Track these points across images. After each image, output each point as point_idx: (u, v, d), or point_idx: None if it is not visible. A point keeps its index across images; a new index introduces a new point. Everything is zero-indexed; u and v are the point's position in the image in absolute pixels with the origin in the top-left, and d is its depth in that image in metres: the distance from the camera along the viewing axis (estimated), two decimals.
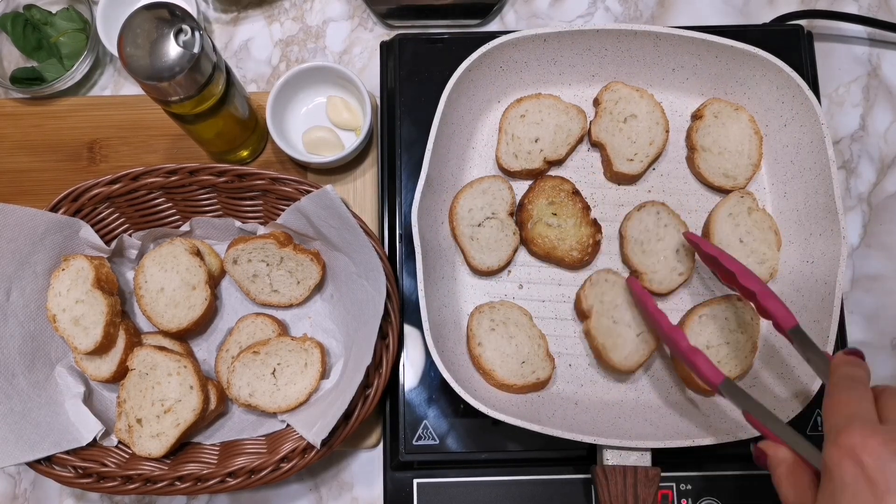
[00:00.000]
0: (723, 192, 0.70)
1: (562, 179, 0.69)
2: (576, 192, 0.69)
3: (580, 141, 0.71)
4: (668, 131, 0.70)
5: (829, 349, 0.62)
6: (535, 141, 0.69)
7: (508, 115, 0.70)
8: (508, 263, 0.69)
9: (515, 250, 0.69)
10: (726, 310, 0.66)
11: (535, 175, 0.70)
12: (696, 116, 0.71)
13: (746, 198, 0.68)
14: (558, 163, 0.71)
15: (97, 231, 0.69)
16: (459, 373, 0.62)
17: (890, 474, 0.37)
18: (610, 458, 0.61)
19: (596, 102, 0.71)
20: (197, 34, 0.58)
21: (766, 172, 0.71)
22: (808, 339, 0.54)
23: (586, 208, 0.69)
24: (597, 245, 0.68)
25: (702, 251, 0.62)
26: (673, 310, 0.68)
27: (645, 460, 0.61)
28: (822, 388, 0.61)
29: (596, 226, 0.68)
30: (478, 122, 0.71)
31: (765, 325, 0.67)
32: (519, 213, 0.69)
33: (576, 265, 0.68)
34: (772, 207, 0.70)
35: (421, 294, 0.61)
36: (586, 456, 0.66)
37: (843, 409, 0.42)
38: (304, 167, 0.77)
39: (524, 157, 0.69)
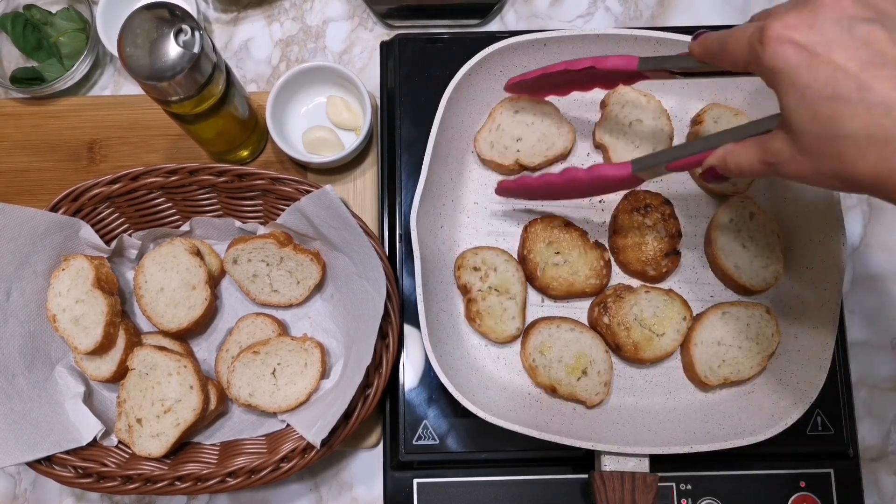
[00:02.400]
0: (723, 197, 0.70)
1: (550, 217, 0.68)
2: (567, 224, 0.68)
3: (560, 159, 0.70)
4: (672, 138, 0.70)
5: (829, 354, 0.62)
6: (517, 140, 0.69)
7: (504, 105, 0.69)
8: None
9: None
10: (750, 316, 0.66)
11: (505, 171, 0.70)
12: (696, 122, 0.71)
13: (747, 202, 0.68)
14: (531, 170, 0.70)
15: (97, 231, 0.69)
16: (458, 377, 0.63)
17: (818, 34, 0.39)
18: (608, 464, 0.61)
19: (602, 104, 0.71)
20: (197, 34, 0.58)
21: None
22: (657, 57, 0.54)
23: (583, 235, 0.68)
24: (608, 264, 0.68)
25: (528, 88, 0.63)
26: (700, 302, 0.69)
27: (643, 466, 0.61)
28: (822, 391, 0.61)
29: (599, 247, 0.68)
30: (477, 127, 0.71)
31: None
32: (523, 266, 0.68)
33: (597, 291, 0.68)
34: (772, 213, 0.70)
35: (420, 300, 0.61)
36: (585, 456, 0.66)
37: (744, 34, 0.43)
38: (304, 167, 0.77)
39: (499, 150, 0.69)
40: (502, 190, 0.66)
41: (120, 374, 0.67)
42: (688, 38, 0.67)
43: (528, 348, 0.66)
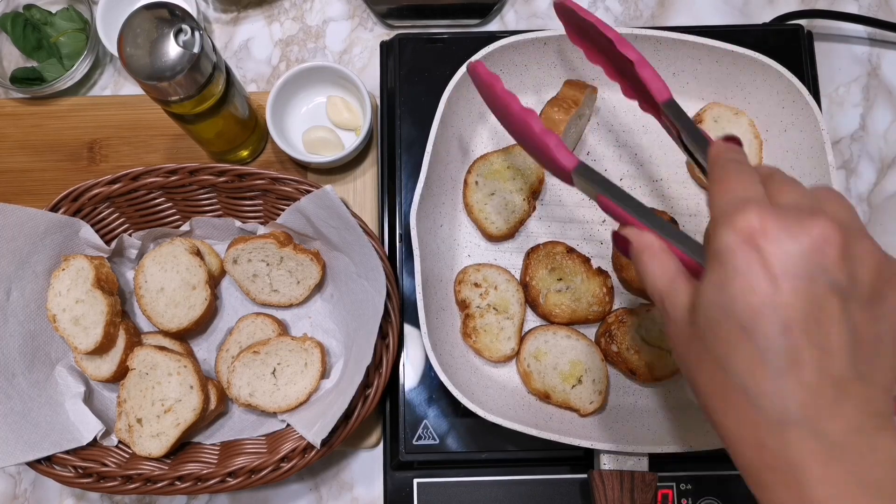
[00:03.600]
0: None
1: (553, 243, 0.67)
2: (570, 250, 0.67)
3: (521, 223, 0.69)
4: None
5: None
6: (492, 194, 0.68)
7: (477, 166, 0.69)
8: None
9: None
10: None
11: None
12: (696, 121, 0.71)
13: None
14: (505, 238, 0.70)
15: (97, 231, 0.69)
16: (457, 375, 0.63)
17: (786, 257, 0.33)
18: (607, 463, 0.61)
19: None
20: (197, 34, 0.58)
21: None
22: (683, 113, 0.49)
23: (586, 261, 0.67)
24: (611, 291, 0.67)
25: (574, 21, 0.56)
26: None
27: (642, 465, 0.61)
28: None
29: (602, 273, 0.67)
30: (477, 125, 0.71)
31: None
32: (526, 293, 0.67)
33: (600, 318, 0.67)
34: None
35: (419, 299, 0.61)
36: (585, 456, 0.66)
37: (735, 191, 0.37)
38: (304, 167, 0.77)
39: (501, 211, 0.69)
40: (472, 70, 0.55)
41: (120, 374, 0.67)
42: (687, 37, 0.67)
43: (522, 354, 0.65)
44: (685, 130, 0.48)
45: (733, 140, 0.43)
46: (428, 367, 0.68)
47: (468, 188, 0.68)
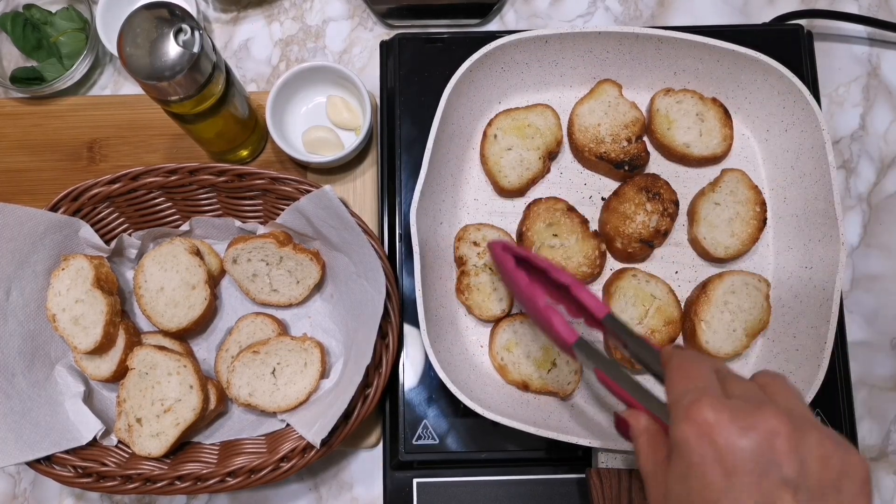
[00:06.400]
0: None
1: (555, 199, 0.68)
2: (570, 209, 0.68)
3: (533, 181, 0.70)
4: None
5: (827, 354, 0.62)
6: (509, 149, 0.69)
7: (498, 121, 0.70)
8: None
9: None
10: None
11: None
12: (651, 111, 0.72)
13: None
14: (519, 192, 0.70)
15: (97, 231, 0.69)
16: (456, 374, 0.63)
17: (738, 453, 0.36)
18: (605, 461, 0.61)
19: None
20: (197, 34, 0.58)
21: (766, 177, 0.71)
22: (622, 324, 0.52)
23: (584, 223, 0.68)
24: (602, 256, 0.68)
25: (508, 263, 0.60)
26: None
27: None
28: (821, 391, 0.61)
29: (598, 237, 0.68)
30: (478, 123, 0.71)
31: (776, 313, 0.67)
32: (520, 242, 0.68)
33: (587, 279, 0.68)
34: (771, 212, 0.70)
35: (419, 295, 0.61)
36: (584, 456, 0.66)
37: (691, 380, 0.41)
38: (304, 167, 0.77)
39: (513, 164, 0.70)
40: (490, 246, 0.64)
41: (120, 374, 0.67)
42: (689, 36, 0.67)
43: (494, 348, 0.66)
44: (630, 339, 0.50)
45: (679, 349, 0.46)
46: (428, 367, 0.68)
47: (486, 140, 0.69)
